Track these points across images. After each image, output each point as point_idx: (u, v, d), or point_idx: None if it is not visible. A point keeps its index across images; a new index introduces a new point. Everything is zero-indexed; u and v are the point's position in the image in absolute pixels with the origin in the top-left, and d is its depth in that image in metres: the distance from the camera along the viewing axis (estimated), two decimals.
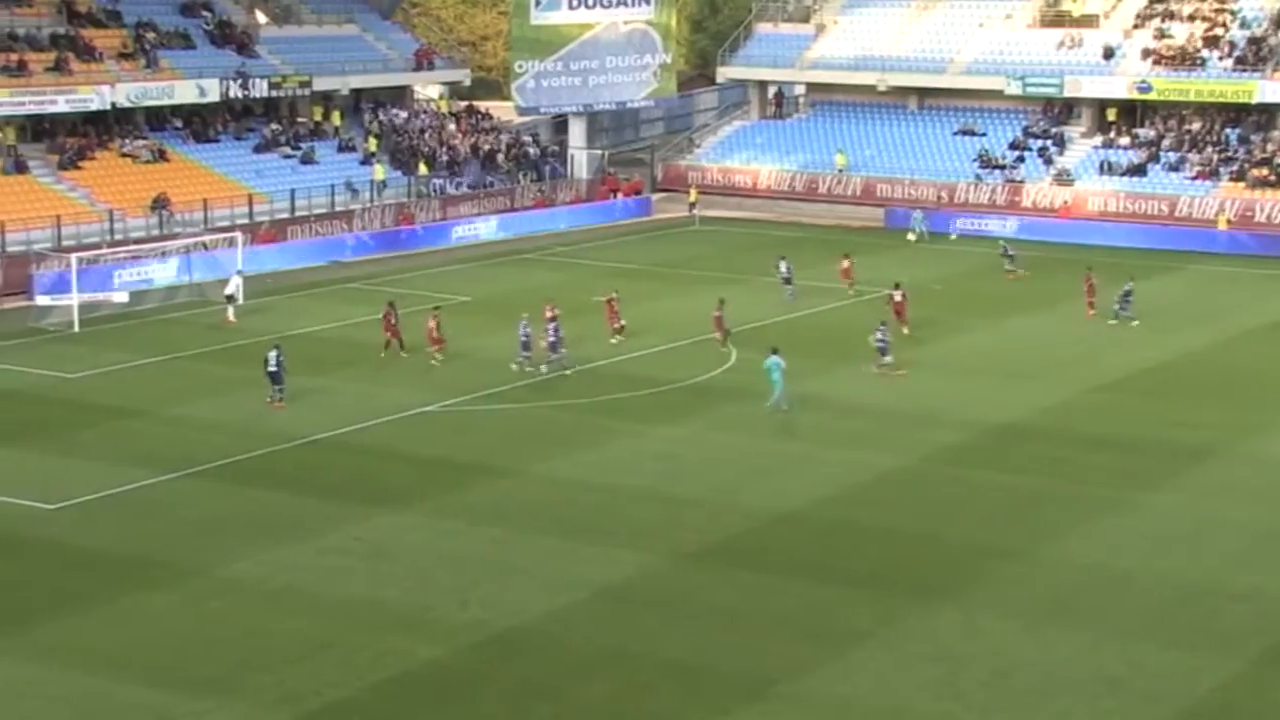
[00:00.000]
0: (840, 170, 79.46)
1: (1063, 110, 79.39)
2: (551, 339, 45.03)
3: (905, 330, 48.83)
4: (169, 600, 28.38)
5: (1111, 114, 77.82)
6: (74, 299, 51.65)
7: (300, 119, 75.12)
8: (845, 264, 55.94)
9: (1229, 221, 69.31)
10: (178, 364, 46.41)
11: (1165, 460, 36.96)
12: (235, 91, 70.57)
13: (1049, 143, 77.59)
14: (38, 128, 65.64)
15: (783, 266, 56.26)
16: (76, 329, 50.69)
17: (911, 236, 70.10)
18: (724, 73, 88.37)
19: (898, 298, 49.96)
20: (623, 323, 49.05)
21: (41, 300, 53.14)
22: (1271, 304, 56.19)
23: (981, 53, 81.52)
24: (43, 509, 33.20)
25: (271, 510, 33.31)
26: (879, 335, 44.91)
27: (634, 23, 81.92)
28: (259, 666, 25.69)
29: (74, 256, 53.57)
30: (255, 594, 28.66)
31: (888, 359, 44.66)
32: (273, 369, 41.54)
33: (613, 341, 48.42)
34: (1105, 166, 74.83)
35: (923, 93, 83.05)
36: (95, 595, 28.51)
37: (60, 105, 64.51)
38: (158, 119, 69.87)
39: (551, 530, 32.14)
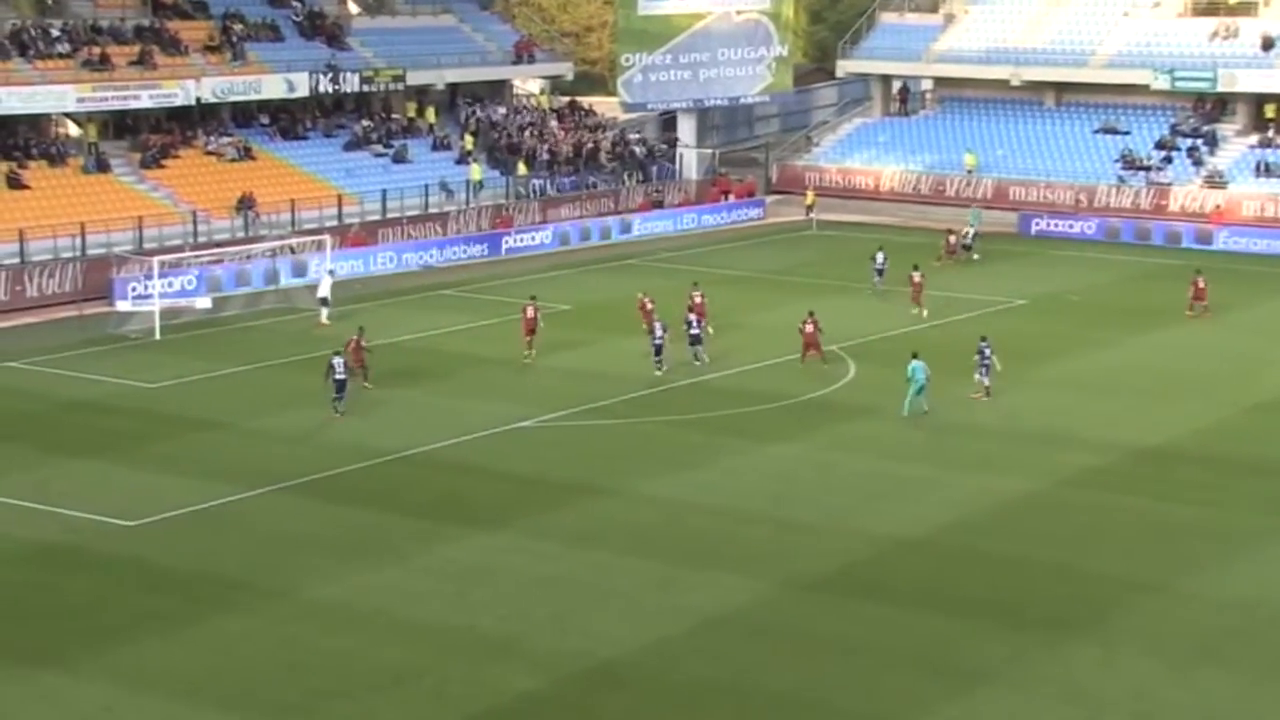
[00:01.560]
0: (970, 171, 78.84)
1: (1215, 107, 78.17)
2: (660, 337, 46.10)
3: (917, 311, 52.71)
4: (249, 623, 28.71)
5: (1270, 111, 76.54)
6: (155, 304, 52.54)
7: (393, 115, 75.93)
8: (916, 277, 54.67)
9: None
10: (261, 374, 47.04)
11: None
12: (325, 86, 71.47)
13: (1199, 142, 76.43)
14: (120, 124, 66.97)
15: (879, 257, 58.39)
16: (158, 336, 51.55)
17: (967, 231, 69.41)
18: (844, 66, 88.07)
19: (916, 278, 52.93)
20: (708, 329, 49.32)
21: (122, 306, 54.11)
22: None
23: (1126, 44, 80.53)
24: (121, 525, 33.77)
25: (357, 529, 33.62)
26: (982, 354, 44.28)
27: (748, 13, 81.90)
28: (342, 694, 25.89)
29: (156, 260, 54.51)
30: (339, 618, 28.91)
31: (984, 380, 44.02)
32: (340, 377, 41.93)
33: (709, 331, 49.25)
34: (1262, 168, 73.56)
35: (1060, 88, 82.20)
36: (174, 616, 28.92)
37: (144, 101, 65.74)
38: (244, 115, 70.96)
39: (655, 554, 32.13)
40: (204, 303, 55.34)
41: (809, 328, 47.24)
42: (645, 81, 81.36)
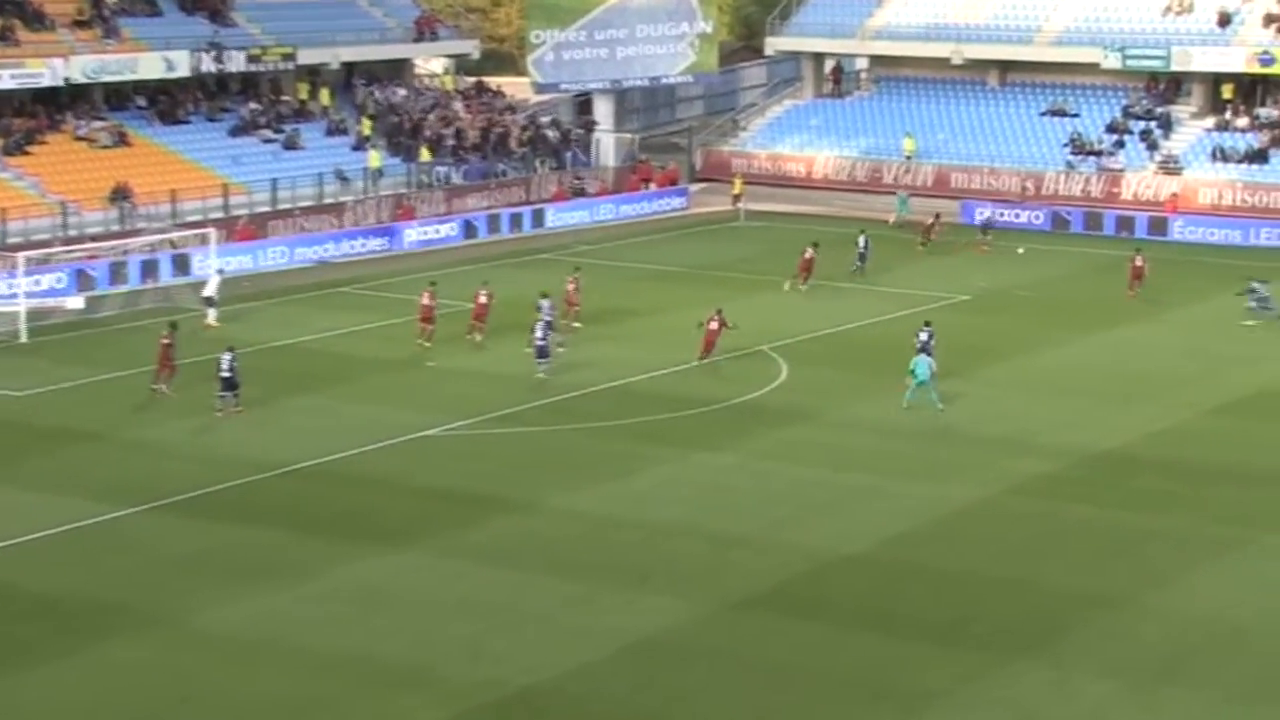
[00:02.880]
0: (908, 157, 79.45)
1: (1169, 87, 79.20)
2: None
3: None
4: (133, 653, 28.45)
5: (1227, 91, 77.65)
6: (21, 305, 51.96)
7: (283, 97, 75.52)
8: (809, 254, 57.99)
9: None
10: (142, 380, 46.52)
11: None
12: (208, 65, 70.97)
13: (1153, 125, 77.41)
14: None
15: (861, 241, 60.54)
16: (24, 339, 50.99)
17: (892, 219, 70.22)
18: (773, 44, 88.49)
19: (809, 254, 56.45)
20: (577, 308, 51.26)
21: None
22: None
23: (1074, 20, 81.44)
24: None
25: (250, 550, 33.39)
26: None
27: None
28: None
29: (21, 255, 53.91)
30: (231, 646, 28.71)
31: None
32: (226, 374, 42.31)
33: (576, 326, 50.80)
34: (1219, 153, 74.61)
35: (1005, 67, 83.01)
36: (47, 647, 28.59)
37: (5, 81, 65.04)
38: (118, 97, 70.35)
39: (575, 573, 32.14)
40: (75, 302, 54.79)
41: (713, 324, 47.48)
42: (558, 60, 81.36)
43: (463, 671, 27.71)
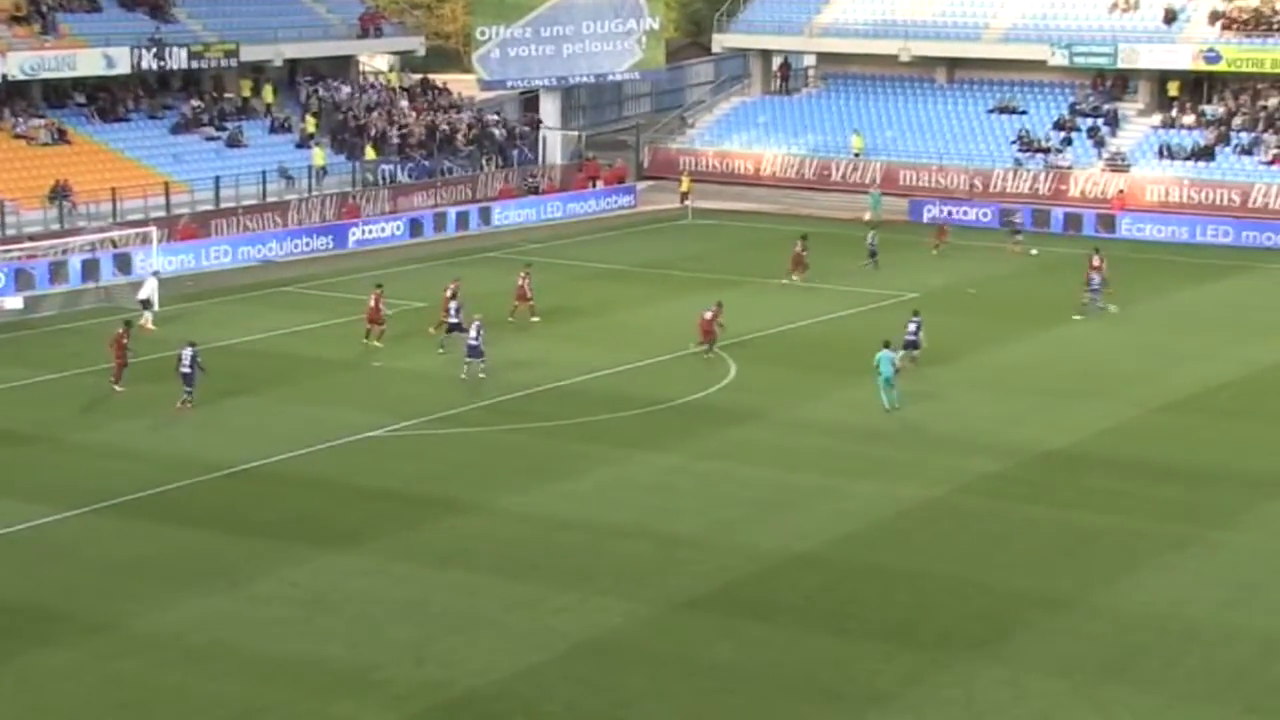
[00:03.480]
0: (856, 154, 79.65)
1: (1116, 84, 79.72)
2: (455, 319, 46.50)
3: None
4: (71, 658, 28.16)
5: (1174, 88, 78.20)
6: None
7: (225, 94, 75.10)
8: (798, 248, 58.24)
9: None
10: (81, 381, 46.24)
11: (1241, 493, 36.97)
12: (149, 62, 70.50)
13: (1100, 122, 77.86)
14: None
15: (870, 238, 61.57)
16: None
17: (868, 216, 70.47)
18: (721, 41, 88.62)
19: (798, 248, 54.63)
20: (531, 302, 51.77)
21: None
22: None
23: (1021, 17, 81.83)
24: None
25: (191, 552, 33.14)
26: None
27: None
28: None
29: None
30: (173, 651, 28.47)
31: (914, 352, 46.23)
32: (186, 369, 42.56)
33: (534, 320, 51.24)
34: (1166, 150, 75.07)
35: (953, 64, 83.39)
36: None
37: None
38: (57, 94, 69.85)
39: (522, 575, 32.03)
40: (14, 302, 54.40)
41: (709, 314, 48.14)
42: (504, 57, 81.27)
43: (408, 674, 27.56)
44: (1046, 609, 30.46)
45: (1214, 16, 77.65)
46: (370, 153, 74.14)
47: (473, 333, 45.94)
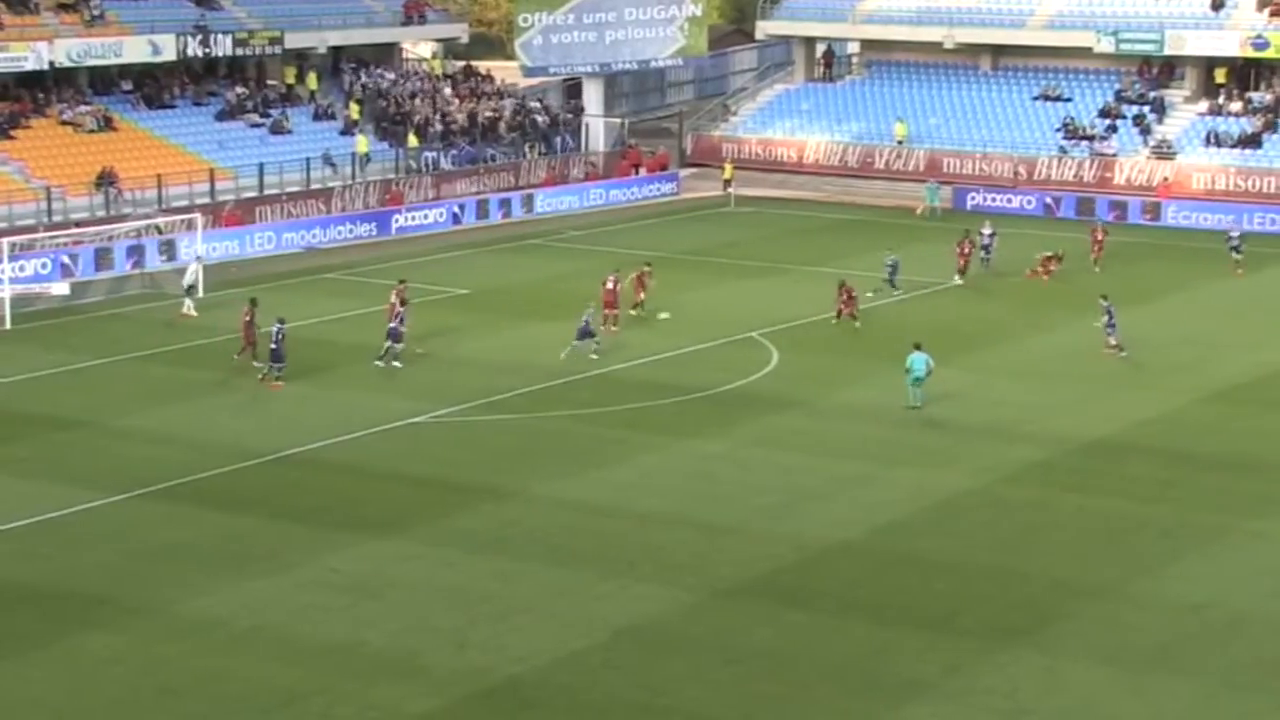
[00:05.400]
0: (900, 142, 79.41)
1: (1163, 71, 79.25)
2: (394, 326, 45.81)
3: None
4: (116, 643, 28.36)
5: (1221, 75, 77.73)
6: (5, 291, 51.81)
7: (270, 82, 75.37)
8: (636, 275, 52.53)
9: None
10: (126, 367, 46.50)
11: None
12: (194, 49, 70.77)
13: (1146, 109, 77.42)
14: None
15: (985, 232, 59.27)
16: (8, 325, 50.85)
17: (920, 210, 70.21)
18: (764, 28, 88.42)
19: (609, 284, 50.25)
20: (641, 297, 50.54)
21: None
22: None
23: (1067, 4, 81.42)
24: None
25: (235, 538, 33.31)
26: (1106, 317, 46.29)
27: None
28: (220, 719, 25.75)
29: (5, 241, 53.73)
30: (218, 636, 28.64)
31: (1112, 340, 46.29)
32: (273, 346, 43.37)
33: (632, 312, 50.15)
34: (1213, 137, 74.62)
35: (997, 51, 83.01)
36: (29, 637, 28.49)
37: None
38: (104, 81, 70.16)
39: (563, 561, 32.10)
40: (60, 288, 54.65)
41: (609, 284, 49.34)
42: (546, 44, 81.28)
43: (450, 660, 27.66)
44: (1088, 598, 30.38)
45: (1262, 3, 77.08)
46: (413, 140, 74.26)
47: (583, 317, 46.59)
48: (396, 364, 45.46)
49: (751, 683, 26.99)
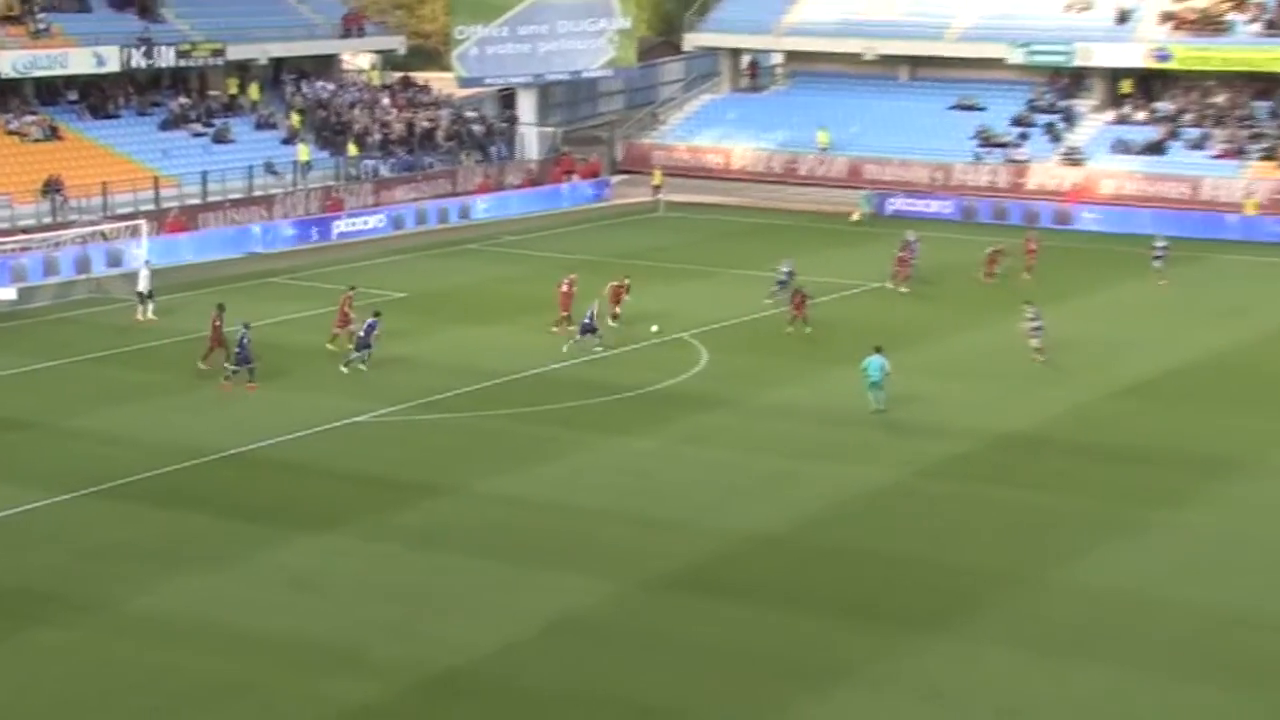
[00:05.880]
0: (823, 149, 79.61)
1: (1072, 82, 79.80)
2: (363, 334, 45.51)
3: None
4: (62, 638, 28.03)
5: (1126, 86, 78.37)
6: None
7: (212, 92, 74.76)
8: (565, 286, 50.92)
9: (1258, 205, 69.71)
10: (74, 369, 46.02)
11: (1191, 474, 37.04)
12: (138, 61, 70.16)
13: (1056, 118, 77.95)
14: None
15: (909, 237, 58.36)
16: None
17: (855, 216, 70.47)
18: (691, 40, 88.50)
19: (564, 287, 50.15)
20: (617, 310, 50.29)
21: None
22: None
23: (980, 17, 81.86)
24: None
25: (180, 535, 32.99)
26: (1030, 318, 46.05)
27: None
28: (166, 712, 25.41)
29: None
30: (161, 630, 28.35)
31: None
32: (238, 350, 43.27)
33: (612, 324, 49.48)
34: (1119, 145, 75.18)
35: (915, 62, 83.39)
36: None
37: None
38: (49, 92, 69.46)
39: (500, 555, 31.95)
40: (7, 294, 54.05)
41: (565, 287, 48.96)
42: (481, 55, 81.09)
43: (391, 652, 27.47)
44: (1005, 586, 30.49)
45: (1164, 17, 77.82)
46: (353, 148, 73.85)
47: (588, 313, 46.94)
48: (362, 366, 45.08)
49: (682, 672, 26.93)
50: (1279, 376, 45.80)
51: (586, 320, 47.02)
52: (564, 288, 50.08)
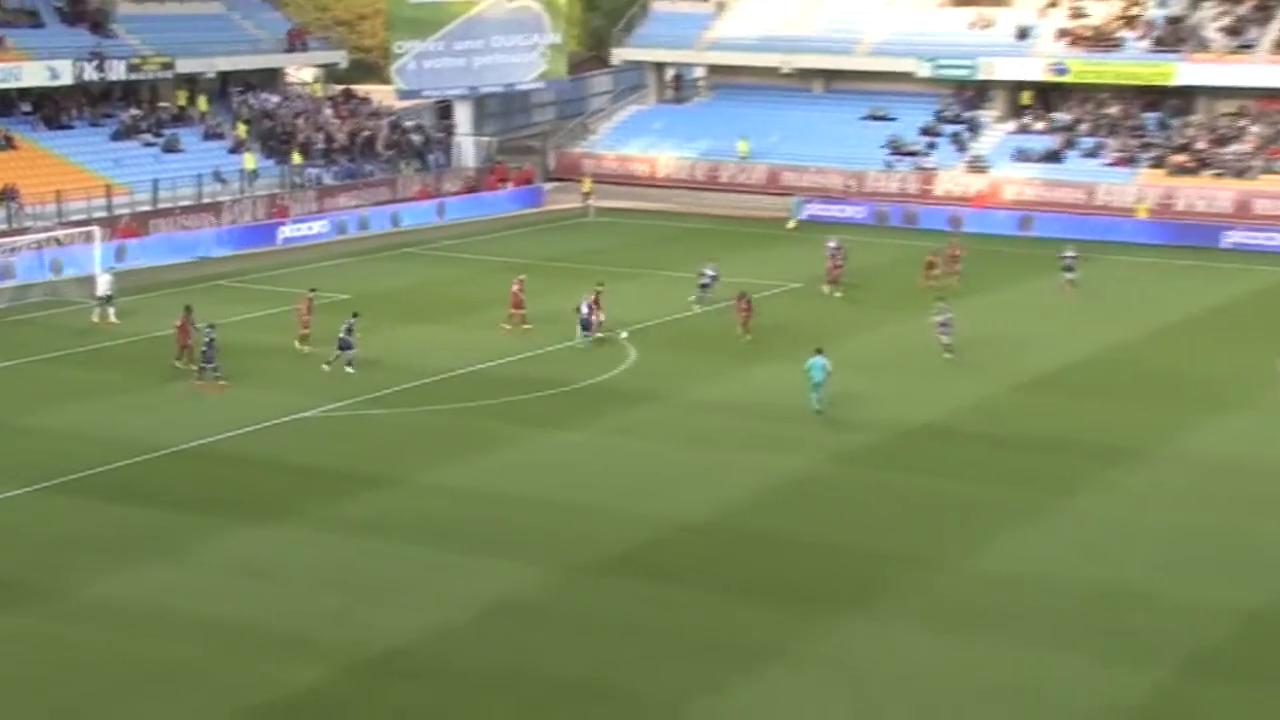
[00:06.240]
0: (743, 157, 79.82)
1: (976, 94, 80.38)
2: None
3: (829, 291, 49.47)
4: (18, 623, 27.80)
5: (1026, 98, 79.00)
6: None
7: (162, 104, 74.16)
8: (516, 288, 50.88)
9: (1148, 210, 70.48)
10: (31, 368, 45.54)
11: (1088, 462, 37.40)
12: (90, 74, 69.52)
13: (962, 128, 78.51)
14: None
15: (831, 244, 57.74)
16: None
17: (791, 224, 70.71)
18: (619, 54, 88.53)
19: (515, 287, 50.31)
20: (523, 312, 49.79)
21: None
22: (1194, 296, 57.26)
23: (890, 33, 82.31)
24: None
25: (134, 526, 32.76)
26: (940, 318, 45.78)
27: (520, 0, 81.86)
28: (120, 696, 25.26)
29: None
30: (115, 617, 28.15)
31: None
32: (204, 349, 42.91)
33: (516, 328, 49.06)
34: (1020, 153, 75.81)
35: (829, 75, 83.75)
36: None
37: None
38: (4, 103, 68.67)
39: (438, 543, 31.92)
40: None
41: (515, 287, 49.28)
42: (419, 69, 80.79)
43: (333, 635, 27.39)
44: (915, 569, 30.71)
45: (1061, 33, 78.53)
46: (297, 157, 73.42)
47: (584, 309, 47.46)
48: (349, 369, 44.62)
49: (611, 651, 27.00)
50: (1167, 370, 46.36)
51: (584, 316, 47.58)
52: (515, 288, 50.09)
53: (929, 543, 32.09)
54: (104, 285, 51.78)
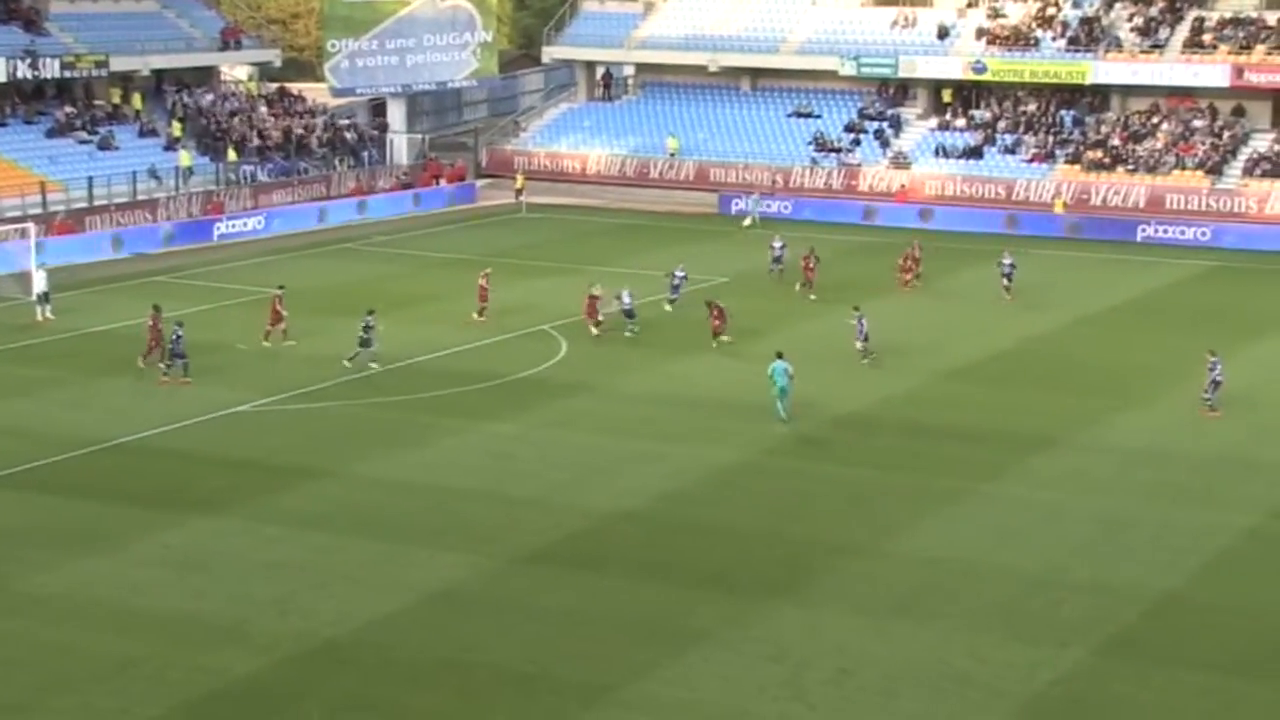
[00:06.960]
0: (672, 154, 79.87)
1: (898, 92, 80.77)
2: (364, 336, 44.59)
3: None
4: None
5: (947, 95, 79.44)
6: None
7: (97, 102, 73.29)
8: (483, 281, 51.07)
9: (1065, 205, 71.13)
10: None
11: (1008, 450, 37.69)
12: (23, 72, 68.58)
13: (885, 125, 78.86)
14: None
15: (776, 245, 57.59)
16: None
17: (747, 222, 70.80)
18: (549, 52, 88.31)
19: (482, 280, 50.48)
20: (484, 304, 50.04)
21: None
22: (1109, 288, 57.81)
23: (815, 32, 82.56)
24: None
25: (73, 520, 32.38)
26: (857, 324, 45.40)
27: None
28: (61, 688, 24.96)
29: None
30: (55, 610, 27.83)
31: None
32: (171, 345, 42.39)
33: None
34: (941, 150, 76.28)
35: (755, 73, 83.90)
36: None
37: None
38: None
39: (376, 534, 31.75)
40: None
41: (482, 281, 49.54)
42: (353, 67, 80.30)
43: (273, 626, 27.20)
44: (842, 555, 30.86)
45: (980, 33, 79.02)
46: (232, 154, 72.79)
47: (626, 299, 47.81)
48: (374, 365, 44.21)
49: (549, 638, 26.96)
50: (1084, 360, 46.79)
51: (625, 305, 47.79)
52: (481, 281, 50.00)
53: (856, 530, 32.25)
54: (40, 282, 51.13)
